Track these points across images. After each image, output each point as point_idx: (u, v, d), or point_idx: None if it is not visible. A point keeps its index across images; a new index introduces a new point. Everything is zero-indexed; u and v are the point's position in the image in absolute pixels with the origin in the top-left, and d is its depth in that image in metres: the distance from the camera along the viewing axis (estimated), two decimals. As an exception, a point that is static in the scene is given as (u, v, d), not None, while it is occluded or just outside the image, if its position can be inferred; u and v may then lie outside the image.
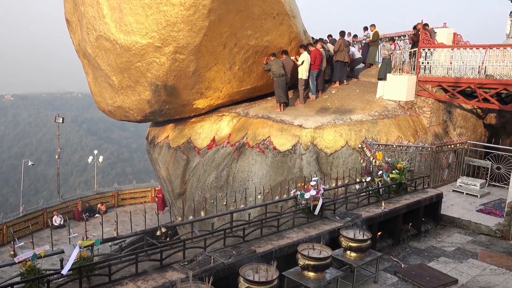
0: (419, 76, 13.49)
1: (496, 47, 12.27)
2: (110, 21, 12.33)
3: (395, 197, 7.92)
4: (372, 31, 17.08)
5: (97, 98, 15.76)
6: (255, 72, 14.21)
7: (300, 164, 11.71)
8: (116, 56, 12.72)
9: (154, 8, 11.29)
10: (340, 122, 12.18)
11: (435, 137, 12.68)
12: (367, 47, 17.60)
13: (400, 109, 13.10)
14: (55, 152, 29.78)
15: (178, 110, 14.13)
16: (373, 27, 17.26)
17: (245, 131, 13.16)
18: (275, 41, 13.74)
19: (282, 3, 12.78)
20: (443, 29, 14.80)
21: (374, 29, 17.06)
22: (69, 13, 15.42)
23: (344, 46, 15.45)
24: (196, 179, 13.49)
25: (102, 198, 25.53)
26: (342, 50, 15.33)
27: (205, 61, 12.68)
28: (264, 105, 14.72)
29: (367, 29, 17.87)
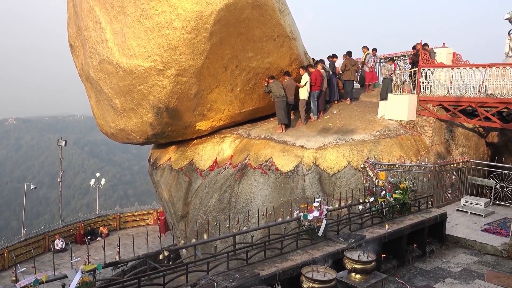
0: (420, 96, 13.56)
1: (496, 66, 12.36)
2: (113, 45, 12.49)
3: (399, 217, 7.86)
4: (365, 52, 17.44)
5: (100, 121, 15.85)
6: (257, 93, 14.30)
7: (302, 185, 11.67)
8: (119, 79, 12.84)
9: (156, 32, 11.45)
10: (342, 142, 12.19)
11: (438, 156, 12.67)
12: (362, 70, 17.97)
13: (401, 128, 13.12)
14: (57, 175, 29.78)
15: (180, 132, 14.18)
16: (365, 49, 17.62)
17: (247, 152, 13.16)
18: (276, 63, 13.87)
19: (283, 25, 12.93)
20: (443, 49, 14.94)
21: (367, 51, 17.46)
22: (72, 38, 15.65)
23: (351, 65, 16.07)
24: (199, 201, 13.44)
25: (104, 221, 25.39)
26: (348, 69, 15.97)
27: (207, 83, 12.79)
28: (265, 126, 14.77)
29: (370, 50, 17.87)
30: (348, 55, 16.50)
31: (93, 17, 13.10)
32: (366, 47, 17.69)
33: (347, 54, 16.60)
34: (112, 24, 12.48)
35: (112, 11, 12.36)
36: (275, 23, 12.70)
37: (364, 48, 17.63)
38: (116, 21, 12.35)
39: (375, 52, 17.33)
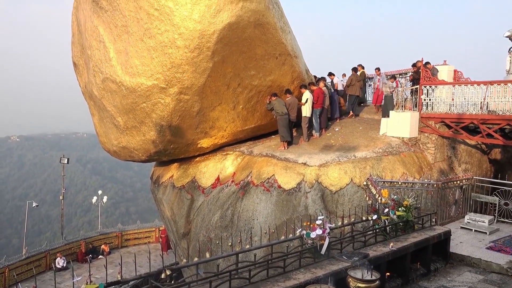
0: (422, 113, 13.59)
1: (497, 83, 12.41)
2: (116, 64, 12.61)
3: (403, 235, 7.80)
4: (359, 71, 17.68)
5: (103, 138, 15.91)
6: (259, 111, 14.36)
7: (305, 202, 11.63)
8: (122, 98, 12.93)
9: (159, 50, 11.56)
10: (345, 160, 12.18)
11: (441, 173, 12.63)
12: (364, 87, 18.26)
13: (404, 145, 13.11)
14: (59, 192, 29.79)
15: (182, 149, 14.21)
16: (360, 67, 17.87)
17: (249, 169, 13.16)
18: (278, 81, 13.96)
19: (285, 44, 13.05)
20: (444, 67, 15.03)
21: (361, 69, 17.75)
22: (76, 57, 15.83)
23: (356, 81, 16.70)
24: (201, 218, 13.39)
25: (106, 238, 25.30)
26: (353, 85, 16.52)
27: (209, 101, 12.86)
28: (268, 143, 14.79)
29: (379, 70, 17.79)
30: (354, 71, 17.18)
31: (97, 36, 13.26)
32: (361, 66, 17.99)
33: (353, 70, 17.24)
34: (116, 43, 12.62)
35: (115, 31, 12.52)
36: (277, 42, 12.82)
37: (359, 67, 17.93)
38: (119, 40, 12.49)
39: (379, 71, 17.44)
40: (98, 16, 13.08)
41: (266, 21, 12.07)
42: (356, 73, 17.06)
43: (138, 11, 11.55)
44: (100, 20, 13.09)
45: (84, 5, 14.14)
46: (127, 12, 11.86)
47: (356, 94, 16.70)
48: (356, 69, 17.27)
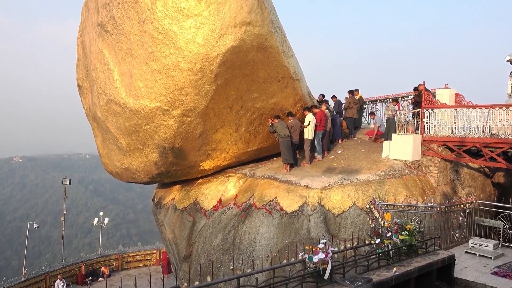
0: (424, 136, 13.60)
1: (499, 107, 12.44)
2: (120, 86, 12.73)
3: (406, 259, 7.72)
4: (357, 95, 17.95)
5: (105, 160, 15.94)
6: (261, 133, 14.40)
7: (307, 225, 11.54)
8: (125, 119, 13.01)
9: (163, 73, 11.68)
10: (347, 182, 12.14)
11: (444, 197, 12.56)
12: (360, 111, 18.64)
13: (406, 168, 13.08)
14: (60, 214, 29.69)
15: (185, 171, 14.21)
16: (357, 92, 18.13)
17: (251, 192, 13.12)
18: (280, 103, 14.04)
19: (287, 67, 13.18)
20: (445, 90, 15.10)
21: (359, 94, 18.04)
22: (80, 79, 16.00)
23: (354, 103, 17.14)
24: (202, 241, 13.28)
25: (106, 261, 25.05)
26: (351, 107, 16.62)
27: (212, 123, 12.92)
28: (270, 165, 14.78)
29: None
30: (351, 94, 17.53)
31: (102, 59, 13.43)
32: (357, 90, 18.27)
33: (350, 93, 17.57)
34: (120, 66, 12.77)
35: (120, 53, 12.68)
36: (280, 65, 12.95)
37: (356, 91, 18.22)
38: (124, 63, 12.64)
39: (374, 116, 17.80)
40: (103, 39, 13.28)
41: (269, 44, 12.22)
42: (353, 96, 17.50)
43: (143, 35, 11.72)
44: (105, 43, 13.27)
45: (89, 29, 14.36)
46: (132, 36, 12.04)
47: (354, 116, 17.26)
48: (352, 92, 17.64)
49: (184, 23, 11.12)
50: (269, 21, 12.04)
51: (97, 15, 13.58)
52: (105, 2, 12.93)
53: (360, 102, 18.14)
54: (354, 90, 18.06)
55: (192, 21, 11.09)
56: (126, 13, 12.01)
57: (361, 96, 18.44)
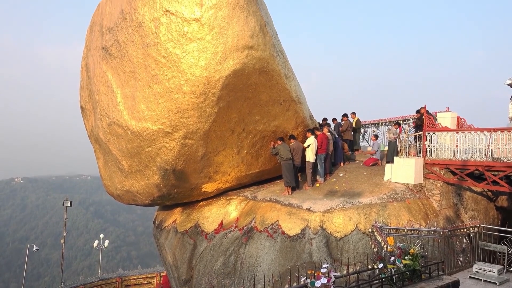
0: (426, 159, 13.58)
1: (501, 131, 12.45)
2: (123, 109, 12.81)
3: (410, 285, 7.60)
4: (354, 118, 18.16)
5: (107, 182, 15.92)
6: (263, 155, 14.41)
7: (309, 249, 11.43)
8: (127, 142, 13.04)
9: (165, 96, 11.77)
10: (349, 206, 12.07)
11: (447, 221, 12.45)
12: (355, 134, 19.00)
13: (409, 192, 13.01)
14: (60, 235, 29.47)
15: (186, 194, 14.16)
16: (353, 115, 18.33)
17: (253, 215, 13.04)
18: (282, 126, 14.09)
19: (289, 90, 13.27)
20: (447, 113, 15.15)
21: (355, 117, 18.25)
22: (84, 101, 16.12)
23: (351, 126, 17.78)
24: (203, 264, 13.14)
25: (106, 284, 24.75)
26: (348, 130, 16.95)
27: (214, 145, 12.94)
28: (272, 188, 14.73)
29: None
30: (346, 117, 18.06)
31: (105, 81, 13.56)
32: (354, 113, 18.49)
33: (345, 116, 18.10)
34: (123, 88, 12.88)
35: (123, 76, 12.80)
36: (281, 88, 13.04)
37: (353, 115, 18.42)
38: (127, 86, 12.75)
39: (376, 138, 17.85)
40: (107, 62, 13.43)
41: (271, 68, 12.34)
42: (348, 119, 18.03)
43: (146, 58, 11.86)
44: (109, 66, 13.42)
45: (93, 52, 14.55)
46: (135, 59, 12.17)
47: (350, 139, 17.91)
48: (346, 115, 18.14)
49: (187, 46, 11.26)
50: (271, 45, 12.19)
51: (101, 39, 13.77)
52: (110, 26, 13.13)
53: (357, 124, 18.41)
54: (351, 114, 18.32)
55: (195, 45, 11.23)
56: (130, 36, 12.17)
57: (358, 119, 18.68)
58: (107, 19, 13.52)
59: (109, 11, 13.50)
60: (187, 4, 11.12)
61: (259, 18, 11.74)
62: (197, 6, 11.10)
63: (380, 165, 15.90)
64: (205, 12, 11.07)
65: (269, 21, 12.77)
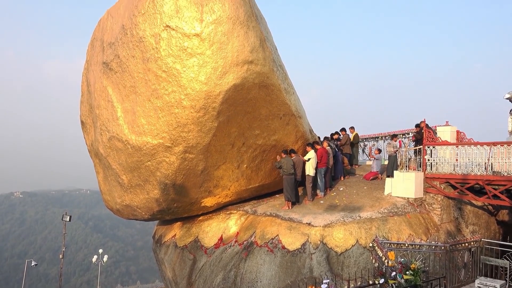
0: (426, 173, 13.56)
1: (500, 145, 12.46)
2: (123, 123, 12.84)
3: (411, 300, 7.54)
4: (352, 133, 18.21)
5: (106, 196, 15.87)
6: (263, 170, 14.39)
7: (310, 264, 11.35)
8: (127, 156, 13.04)
9: (166, 110, 11.80)
10: (350, 220, 12.02)
11: (448, 235, 12.39)
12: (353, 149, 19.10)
13: (409, 206, 12.97)
14: (59, 250, 29.28)
15: (186, 208, 14.11)
16: (352, 129, 18.39)
17: (253, 229, 12.98)
18: (282, 140, 14.10)
19: (288, 104, 13.31)
20: (446, 127, 15.19)
21: (354, 131, 18.30)
22: (84, 116, 16.15)
23: (349, 141, 17.96)
24: (203, 280, 13.03)
25: (104, 300, 24.52)
26: (347, 144, 17.03)
27: (214, 160, 12.93)
28: (272, 202, 14.68)
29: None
30: (345, 132, 18.11)
31: (106, 96, 13.61)
32: (352, 128, 18.59)
33: (343, 131, 18.14)
34: (124, 103, 12.92)
35: (124, 91, 12.86)
36: (281, 102, 13.09)
37: (351, 129, 18.47)
38: (127, 100, 12.79)
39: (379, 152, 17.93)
40: (108, 77, 13.50)
41: (271, 82, 12.40)
42: (346, 133, 18.10)
43: (147, 73, 11.92)
44: (109, 81, 13.48)
45: (94, 67, 14.63)
46: (136, 74, 12.24)
47: (349, 152, 17.97)
48: (344, 129, 18.18)
49: (188, 61, 11.33)
50: (271, 60, 12.27)
51: (102, 54, 13.86)
52: (111, 41, 13.23)
53: (355, 139, 18.46)
54: (349, 128, 18.36)
55: (195, 60, 11.30)
56: (130, 51, 12.26)
57: (357, 133, 18.74)
58: (108, 34, 13.63)
59: (110, 26, 13.62)
60: (188, 20, 11.23)
61: (258, 33, 11.84)
62: (197, 21, 11.20)
63: (380, 179, 15.89)
64: (205, 28, 11.17)
65: (268, 36, 12.88)
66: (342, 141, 17.69)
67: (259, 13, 12.88)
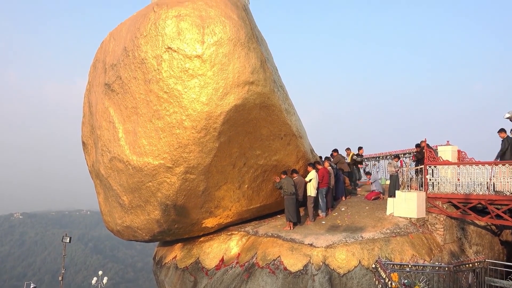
0: (428, 193, 13.50)
1: (502, 164, 12.44)
2: (124, 144, 12.86)
3: (416, 323, 7.42)
4: (349, 154, 18.17)
5: (107, 217, 15.78)
6: (264, 190, 14.34)
7: (312, 285, 11.21)
8: (128, 177, 13.02)
9: (167, 131, 11.84)
10: (352, 241, 11.92)
11: (451, 256, 12.26)
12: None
13: (412, 226, 12.88)
14: (58, 272, 28.97)
15: (187, 229, 14.01)
16: (348, 150, 18.40)
17: (254, 250, 12.86)
18: (283, 160, 14.08)
19: (289, 124, 13.35)
20: (447, 147, 15.18)
21: (351, 152, 18.30)
22: (85, 137, 16.19)
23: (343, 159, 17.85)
24: (204, 302, 12.85)
25: (104, 323, 24.14)
26: (342, 163, 17.39)
27: (215, 180, 12.90)
28: (273, 223, 14.59)
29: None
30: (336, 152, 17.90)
31: (107, 117, 13.66)
32: (349, 149, 18.66)
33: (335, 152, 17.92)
34: (125, 124, 12.97)
35: (125, 112, 12.92)
36: (282, 123, 13.12)
37: (348, 150, 18.46)
38: (129, 121, 12.84)
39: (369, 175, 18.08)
40: (110, 98, 13.58)
41: (272, 103, 12.46)
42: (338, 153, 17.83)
43: (148, 94, 12.00)
44: (111, 102, 13.56)
45: (96, 88, 14.73)
46: (138, 95, 12.32)
47: (347, 170, 17.71)
48: (337, 150, 17.98)
49: (189, 82, 11.42)
50: (272, 81, 12.36)
51: (104, 75, 13.98)
52: (113, 63, 13.35)
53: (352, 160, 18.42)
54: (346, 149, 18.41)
55: (197, 81, 11.39)
56: (132, 73, 12.36)
57: (353, 153, 18.89)
58: (110, 56, 13.77)
59: (113, 48, 13.76)
60: (189, 42, 11.36)
61: (259, 55, 11.96)
62: (198, 43, 11.34)
63: (382, 199, 15.82)
64: (207, 49, 11.30)
65: (269, 57, 13.00)
66: (334, 161, 17.37)
67: (260, 34, 13.03)
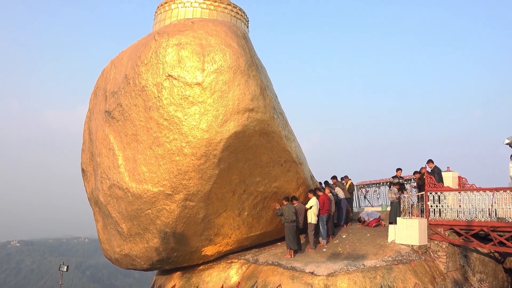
0: (430, 220, 13.39)
1: (503, 190, 12.39)
2: (124, 171, 12.82)
3: None
4: (347, 182, 18.11)
5: (105, 245, 15.59)
6: (264, 217, 14.22)
7: (314, 315, 10.98)
8: (127, 204, 12.93)
9: (167, 158, 11.83)
10: (353, 269, 11.75)
11: (455, 284, 12.08)
12: None
13: (414, 253, 12.72)
14: (55, 302, 28.37)
15: (186, 257, 13.82)
16: (347, 178, 18.36)
17: (254, 279, 12.66)
18: (283, 187, 14.02)
19: (289, 151, 13.35)
20: (448, 173, 15.14)
21: (349, 180, 18.27)
22: (85, 164, 16.17)
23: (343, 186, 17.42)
24: (203, 333, 12.57)
25: None
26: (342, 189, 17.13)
27: (215, 207, 12.80)
28: (274, 251, 14.42)
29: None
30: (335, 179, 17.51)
31: (107, 144, 13.67)
32: (346, 177, 18.70)
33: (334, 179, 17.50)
34: (125, 151, 12.96)
35: (125, 139, 12.94)
36: (282, 149, 13.13)
37: (346, 178, 18.42)
38: (128, 148, 12.85)
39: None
40: (110, 125, 13.62)
41: (271, 130, 12.50)
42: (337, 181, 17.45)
43: (148, 121, 12.05)
44: (111, 129, 13.59)
45: (96, 115, 14.80)
46: (138, 122, 12.37)
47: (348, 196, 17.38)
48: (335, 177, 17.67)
49: (189, 109, 11.49)
50: (271, 107, 12.43)
51: (104, 102, 14.06)
52: (113, 90, 13.46)
53: (350, 189, 18.32)
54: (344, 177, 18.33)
55: (197, 108, 11.46)
56: (133, 100, 12.44)
57: (352, 182, 18.84)
58: (111, 83, 13.88)
59: (113, 76, 13.89)
60: (189, 69, 11.49)
61: (259, 82, 12.07)
62: (199, 71, 11.46)
63: (383, 225, 15.69)
64: (207, 77, 11.41)
65: (269, 84, 13.12)
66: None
67: (260, 62, 13.18)
